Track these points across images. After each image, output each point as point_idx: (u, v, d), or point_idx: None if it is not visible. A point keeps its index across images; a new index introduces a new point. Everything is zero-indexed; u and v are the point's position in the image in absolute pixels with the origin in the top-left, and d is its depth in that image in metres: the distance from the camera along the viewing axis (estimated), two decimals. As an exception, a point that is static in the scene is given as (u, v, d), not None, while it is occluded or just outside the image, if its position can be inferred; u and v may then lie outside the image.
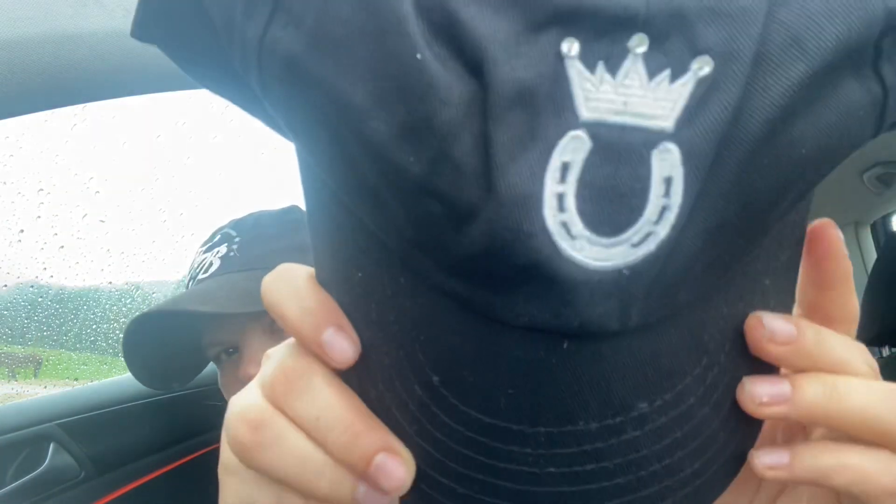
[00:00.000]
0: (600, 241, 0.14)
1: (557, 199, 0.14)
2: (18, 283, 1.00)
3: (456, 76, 0.14)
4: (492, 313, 0.16)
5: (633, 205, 0.14)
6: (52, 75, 0.52)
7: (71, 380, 1.14)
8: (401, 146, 0.14)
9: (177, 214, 1.21)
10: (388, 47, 0.14)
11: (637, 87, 0.14)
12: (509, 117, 0.14)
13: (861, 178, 1.78)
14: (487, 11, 0.14)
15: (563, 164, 0.14)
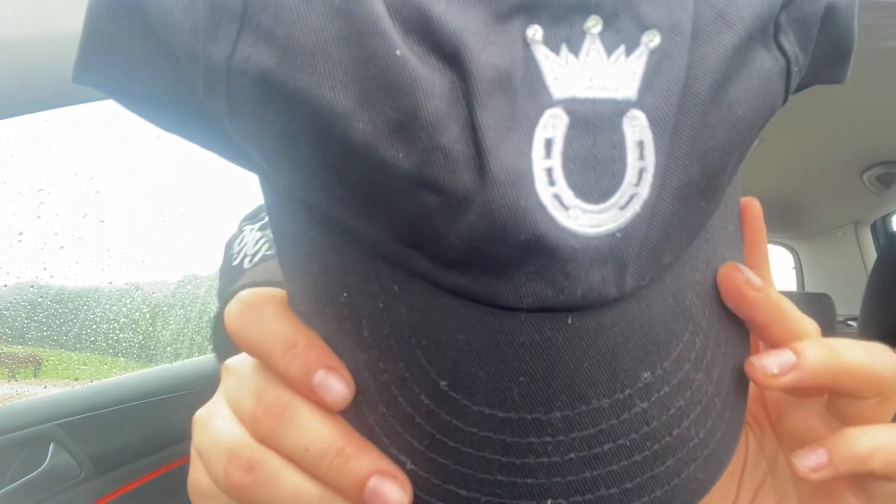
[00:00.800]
0: (591, 208, 0.15)
1: (547, 174, 0.15)
2: (18, 283, 1.00)
3: (435, 68, 0.14)
4: (496, 300, 0.16)
5: (615, 170, 0.15)
6: (52, 75, 0.52)
7: (71, 380, 1.14)
8: (389, 143, 0.15)
9: (177, 214, 1.21)
10: (366, 49, 0.14)
11: (599, 63, 0.15)
12: (491, 101, 0.14)
13: (861, 178, 1.78)
14: (456, 6, 0.14)
15: (546, 140, 0.15)
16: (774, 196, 2.09)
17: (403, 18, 0.14)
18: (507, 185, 0.14)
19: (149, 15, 0.16)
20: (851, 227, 2.26)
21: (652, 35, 0.15)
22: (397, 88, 0.14)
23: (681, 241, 0.17)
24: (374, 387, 0.18)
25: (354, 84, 0.14)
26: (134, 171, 1.12)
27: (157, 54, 0.17)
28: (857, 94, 1.21)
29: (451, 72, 0.14)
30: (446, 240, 0.15)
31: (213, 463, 0.19)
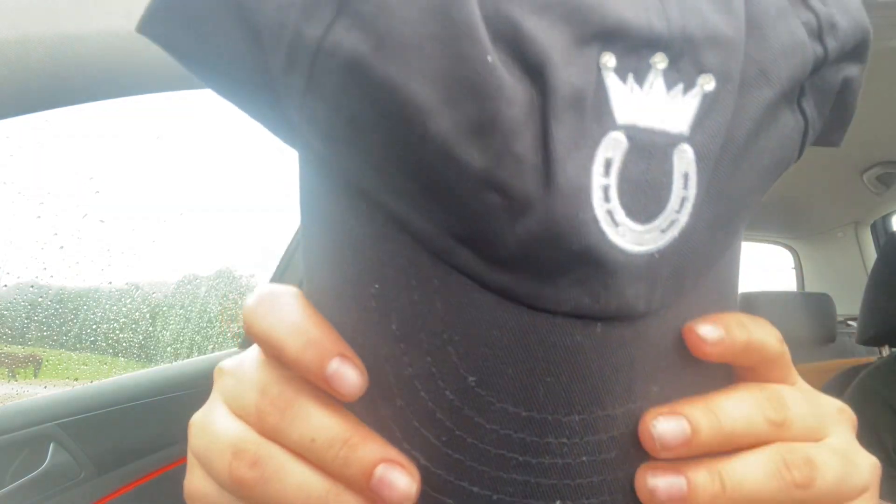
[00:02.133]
0: (637, 227, 0.17)
1: (603, 191, 0.16)
2: (18, 283, 1.00)
3: (518, 79, 0.16)
4: (536, 302, 0.17)
5: (662, 196, 0.17)
6: (52, 75, 0.52)
7: (71, 380, 1.14)
8: (466, 142, 0.15)
9: (177, 214, 1.21)
10: (459, 51, 0.15)
11: (659, 97, 0.17)
12: (565, 117, 0.16)
13: (861, 178, 1.78)
14: (544, 24, 0.16)
15: (606, 160, 0.16)
16: (774, 196, 2.09)
17: (495, 27, 0.15)
18: (569, 196, 0.16)
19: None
20: (851, 227, 2.26)
21: (708, 79, 0.17)
22: (482, 92, 0.15)
23: (700, 269, 0.19)
24: (395, 381, 0.18)
25: (442, 82, 0.15)
26: (134, 171, 1.12)
27: (231, 20, 0.17)
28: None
29: (532, 84, 0.16)
30: (502, 240, 0.16)
31: (216, 462, 0.19)
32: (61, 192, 0.97)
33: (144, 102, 0.69)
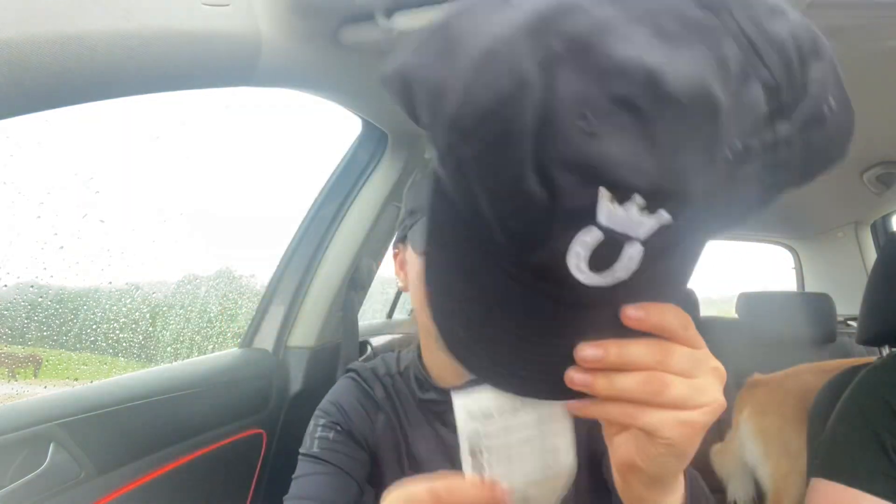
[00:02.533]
0: (592, 274, 0.30)
1: (576, 255, 0.29)
2: (18, 283, 1.00)
3: (546, 197, 0.27)
4: (559, 297, 0.32)
5: (610, 263, 0.29)
6: (52, 75, 0.52)
7: (71, 380, 1.14)
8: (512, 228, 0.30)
9: (177, 214, 1.21)
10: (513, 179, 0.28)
11: (630, 215, 0.27)
12: (568, 217, 0.28)
13: (861, 178, 1.78)
14: (571, 178, 0.27)
15: (584, 241, 0.28)
16: (774, 196, 2.09)
17: (540, 170, 0.27)
18: (558, 254, 0.29)
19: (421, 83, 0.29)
20: (851, 227, 2.26)
21: (666, 216, 0.27)
22: (525, 204, 0.28)
23: (642, 289, 0.32)
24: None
25: (500, 196, 0.29)
26: (134, 171, 1.12)
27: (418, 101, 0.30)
28: (857, 94, 1.20)
29: (552, 201, 0.27)
30: (527, 255, 0.31)
31: None
32: (61, 192, 0.97)
33: (144, 102, 0.69)
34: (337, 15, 0.85)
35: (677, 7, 0.26)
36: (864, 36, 0.90)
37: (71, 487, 0.76)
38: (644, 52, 0.25)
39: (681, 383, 0.34)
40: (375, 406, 0.84)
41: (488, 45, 0.26)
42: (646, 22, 0.25)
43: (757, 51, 0.26)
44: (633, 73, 0.24)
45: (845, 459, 0.90)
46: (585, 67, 0.25)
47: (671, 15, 0.25)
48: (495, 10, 0.27)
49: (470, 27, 0.27)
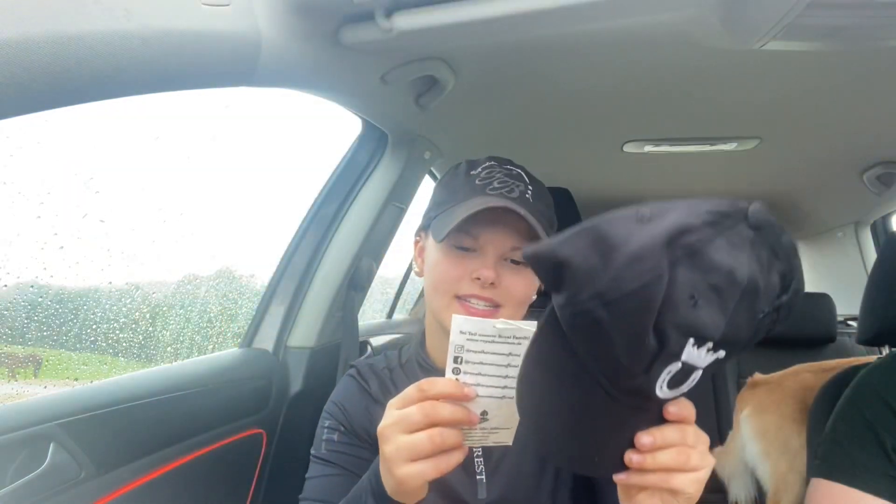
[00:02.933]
0: (669, 391, 0.47)
1: (661, 380, 0.45)
2: (18, 283, 1.00)
3: (676, 338, 0.42)
4: (620, 399, 0.48)
5: (683, 382, 0.47)
6: (52, 75, 0.52)
7: (71, 380, 1.14)
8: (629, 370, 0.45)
9: (177, 214, 1.21)
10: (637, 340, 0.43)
11: (701, 354, 0.43)
12: (666, 359, 0.44)
13: (861, 178, 1.78)
14: (675, 333, 0.43)
15: (669, 370, 0.44)
16: (774, 196, 2.09)
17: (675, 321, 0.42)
18: (652, 381, 0.45)
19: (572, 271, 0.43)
20: (851, 227, 2.26)
21: (722, 352, 0.44)
22: (641, 355, 0.43)
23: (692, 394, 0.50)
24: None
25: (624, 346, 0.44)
26: (134, 171, 1.12)
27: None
28: (857, 94, 1.21)
29: (658, 346, 0.43)
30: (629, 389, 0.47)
31: None
32: (61, 192, 0.97)
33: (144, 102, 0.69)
34: (337, 15, 0.85)
35: (740, 229, 0.42)
36: (864, 36, 0.90)
37: (71, 487, 0.76)
38: (725, 256, 0.41)
39: (695, 453, 0.51)
40: (372, 400, 0.87)
41: (637, 250, 0.41)
42: (725, 237, 0.41)
43: (777, 254, 0.43)
44: (721, 270, 0.41)
45: (845, 459, 0.90)
46: (695, 266, 0.41)
47: (736, 233, 0.42)
48: (639, 224, 0.42)
49: (621, 234, 0.42)
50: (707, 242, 0.41)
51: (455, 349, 0.54)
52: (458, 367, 0.55)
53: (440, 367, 0.87)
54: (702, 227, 0.41)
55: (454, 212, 0.80)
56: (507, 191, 0.82)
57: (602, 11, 0.82)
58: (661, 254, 0.40)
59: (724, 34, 0.93)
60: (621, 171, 1.88)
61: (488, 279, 0.79)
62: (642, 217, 0.42)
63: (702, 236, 0.41)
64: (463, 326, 0.53)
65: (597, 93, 1.26)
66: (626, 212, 0.43)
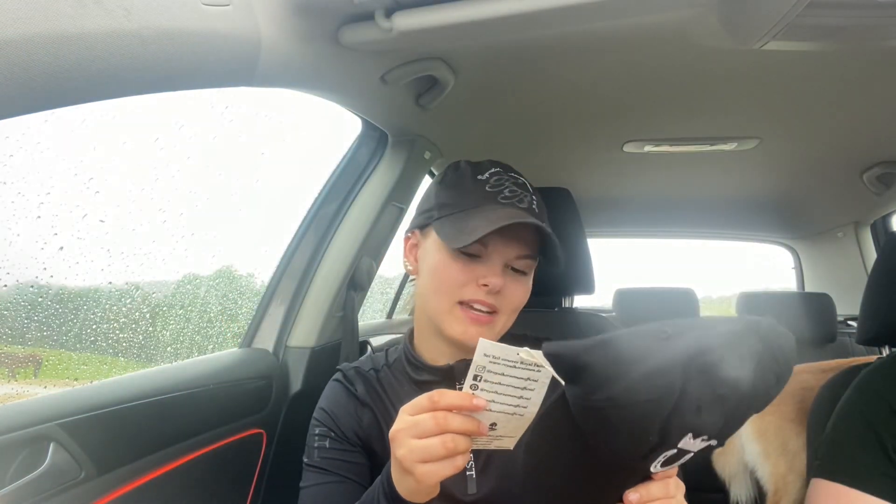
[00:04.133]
0: (662, 469, 0.52)
1: (657, 462, 0.50)
2: (18, 283, 0.99)
3: (678, 436, 0.47)
4: (619, 473, 0.55)
5: (674, 462, 0.52)
6: (52, 75, 0.52)
7: (71, 380, 1.14)
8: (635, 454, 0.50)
9: (177, 214, 1.21)
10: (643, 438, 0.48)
11: (696, 443, 0.47)
12: (661, 450, 0.49)
13: (861, 178, 1.78)
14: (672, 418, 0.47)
15: (665, 454, 0.49)
16: (774, 196, 2.09)
17: (680, 425, 0.46)
18: (649, 461, 0.51)
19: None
20: (851, 227, 2.26)
21: (715, 442, 0.48)
22: (643, 443, 0.48)
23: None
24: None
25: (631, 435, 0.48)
26: (134, 171, 1.12)
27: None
28: (857, 94, 1.20)
29: (659, 438, 0.48)
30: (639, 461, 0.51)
31: None
32: (61, 192, 0.97)
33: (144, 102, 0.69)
34: (337, 15, 0.85)
35: (751, 343, 0.45)
36: (864, 36, 0.90)
37: (71, 487, 0.76)
38: (734, 371, 0.44)
39: (676, 502, 0.57)
40: (359, 403, 0.87)
41: (654, 368, 0.44)
42: (737, 354, 0.44)
43: (778, 360, 0.47)
44: (728, 382, 0.44)
45: (845, 459, 0.90)
46: (705, 381, 0.44)
47: (747, 347, 0.45)
48: (658, 343, 0.46)
49: (641, 350, 0.45)
50: (720, 361, 0.44)
51: (476, 369, 0.56)
52: (476, 384, 0.57)
53: (430, 365, 0.87)
54: (718, 347, 0.44)
55: (468, 219, 0.80)
56: (518, 200, 0.82)
57: (602, 11, 0.82)
58: (677, 372, 0.44)
59: (723, 34, 0.93)
60: (621, 171, 1.87)
61: (496, 287, 0.79)
62: (663, 335, 0.46)
63: (716, 356, 0.44)
64: (488, 350, 0.55)
65: (597, 93, 1.26)
66: (651, 329, 0.47)
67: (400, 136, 1.37)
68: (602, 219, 2.44)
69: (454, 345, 0.84)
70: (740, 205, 2.17)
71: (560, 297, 1.88)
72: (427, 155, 1.46)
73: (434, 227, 0.84)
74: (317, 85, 0.99)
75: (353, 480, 0.83)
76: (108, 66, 0.56)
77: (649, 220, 2.44)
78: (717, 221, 2.43)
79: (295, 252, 1.35)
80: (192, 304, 1.46)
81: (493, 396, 0.57)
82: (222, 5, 0.67)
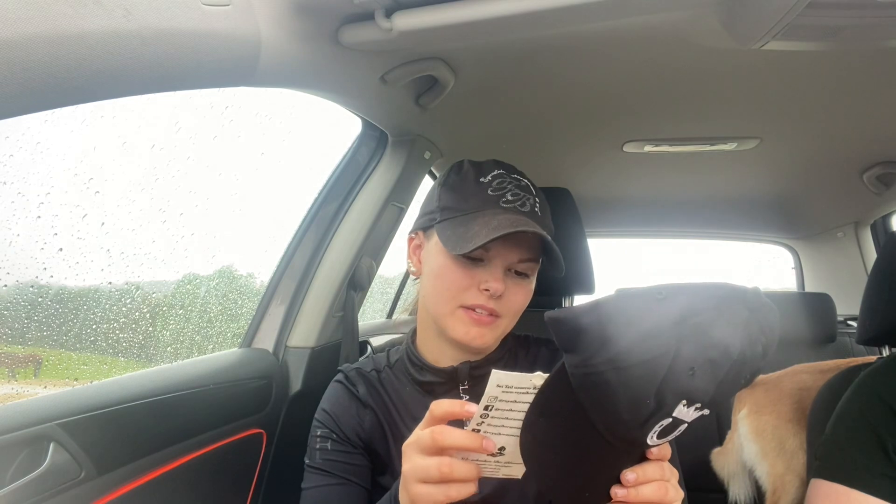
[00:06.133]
0: (658, 440, 0.53)
1: (654, 432, 0.51)
2: (18, 283, 0.99)
3: (673, 401, 0.49)
4: (617, 445, 0.54)
5: (669, 434, 0.53)
6: (52, 75, 0.52)
7: (71, 380, 1.14)
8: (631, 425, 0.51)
9: (177, 214, 1.21)
10: (641, 409, 0.49)
11: (690, 412, 0.50)
12: (658, 417, 0.50)
13: (861, 178, 1.78)
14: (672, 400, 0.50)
15: (662, 424, 0.50)
16: (774, 196, 2.09)
17: (674, 389, 0.48)
18: (644, 432, 0.51)
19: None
20: (851, 227, 2.26)
21: (707, 411, 0.50)
22: (643, 414, 0.49)
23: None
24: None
25: (630, 406, 0.49)
26: (134, 171, 1.12)
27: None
28: (857, 94, 1.20)
29: (678, 401, 0.49)
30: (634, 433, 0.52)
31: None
32: (61, 192, 0.97)
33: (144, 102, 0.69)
34: (337, 15, 0.85)
35: (738, 310, 0.47)
36: (864, 36, 0.90)
37: (71, 487, 0.76)
38: (723, 334, 0.46)
39: (671, 486, 0.57)
40: (361, 404, 0.87)
41: (650, 327, 0.45)
42: (725, 318, 0.46)
43: (763, 331, 0.48)
44: (719, 346, 0.46)
45: (845, 460, 0.90)
46: (697, 343, 0.46)
47: (735, 313, 0.47)
48: (654, 304, 0.46)
49: (637, 311, 0.46)
50: (710, 323, 0.46)
51: (488, 399, 0.56)
52: (486, 413, 0.57)
53: (433, 366, 0.87)
54: (708, 309, 0.47)
55: (470, 224, 0.80)
56: (520, 204, 0.82)
57: (602, 11, 0.82)
58: (671, 332, 0.46)
59: (724, 34, 0.93)
60: (621, 171, 1.87)
61: (497, 292, 0.79)
62: (658, 296, 0.47)
63: (707, 318, 0.46)
64: (501, 381, 0.54)
65: (597, 93, 1.26)
66: (646, 290, 0.48)
67: (400, 136, 1.37)
68: (602, 219, 2.43)
69: (457, 346, 0.84)
70: (740, 205, 2.17)
71: (560, 298, 1.88)
72: (427, 155, 1.46)
73: (436, 230, 0.84)
74: (317, 85, 0.99)
75: (354, 483, 0.83)
76: (108, 66, 0.56)
77: (649, 220, 2.43)
78: (717, 221, 2.43)
79: (295, 252, 1.35)
80: (192, 304, 1.46)
81: (502, 422, 0.57)
82: (222, 5, 0.67)
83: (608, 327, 0.46)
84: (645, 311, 0.47)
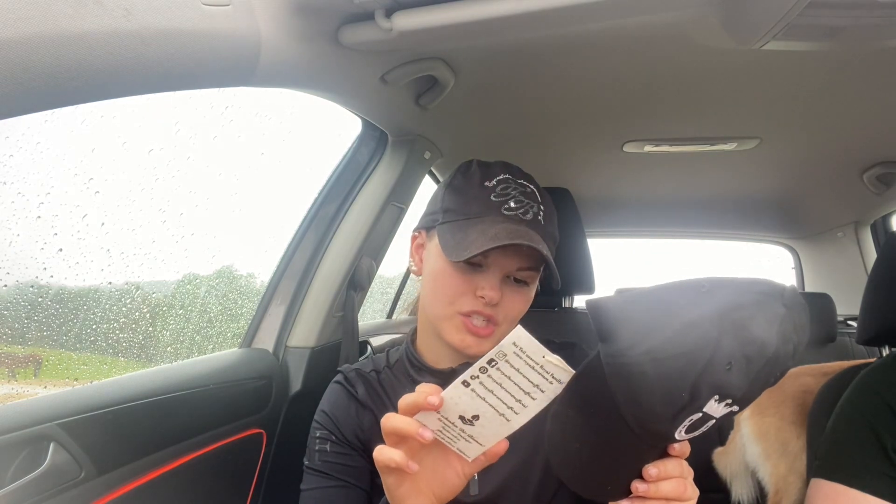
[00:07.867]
0: (686, 434, 0.53)
1: (683, 426, 0.51)
2: (18, 283, 0.99)
3: (706, 395, 0.49)
4: (644, 437, 0.54)
5: (698, 429, 0.53)
6: (52, 75, 0.52)
7: (71, 380, 1.14)
8: (660, 417, 0.51)
9: (177, 214, 1.21)
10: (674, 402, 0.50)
11: (720, 408, 0.49)
12: (687, 413, 0.50)
13: (861, 178, 1.78)
14: (701, 395, 0.50)
15: (691, 418, 0.50)
16: (774, 196, 2.09)
17: (709, 383, 0.48)
18: (672, 429, 0.51)
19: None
20: (851, 227, 2.26)
21: (736, 407, 0.50)
22: (671, 412, 0.50)
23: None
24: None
25: (662, 401, 0.49)
26: (134, 171, 1.12)
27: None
28: (857, 94, 1.20)
29: (710, 396, 0.49)
30: (661, 426, 0.52)
31: None
32: (61, 192, 0.97)
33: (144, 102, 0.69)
34: (337, 15, 0.85)
35: (775, 307, 0.48)
36: (864, 36, 0.90)
37: (71, 487, 0.76)
38: (761, 331, 0.46)
39: (689, 484, 0.57)
40: (360, 405, 0.87)
41: (693, 318, 0.46)
42: (764, 314, 0.47)
43: (796, 330, 0.48)
44: (756, 343, 0.46)
45: (845, 459, 0.90)
46: (737, 337, 0.46)
47: (772, 310, 0.48)
48: (697, 296, 0.48)
49: (682, 302, 0.47)
50: (751, 318, 0.47)
51: (497, 353, 0.53)
52: (487, 368, 0.54)
53: (431, 366, 0.87)
54: (749, 305, 0.47)
55: (469, 230, 0.79)
56: (523, 212, 0.81)
57: (602, 11, 0.82)
58: (713, 324, 0.46)
59: (724, 34, 0.93)
60: (621, 171, 1.87)
61: (493, 300, 0.79)
62: (703, 288, 0.48)
63: (748, 313, 0.47)
64: (520, 340, 0.53)
65: (597, 93, 1.26)
66: (691, 282, 0.49)
67: (400, 136, 1.37)
68: (602, 219, 2.43)
69: (455, 349, 0.84)
70: (740, 205, 2.17)
71: (560, 298, 1.88)
72: (427, 155, 1.46)
73: (437, 231, 0.83)
74: (317, 85, 0.99)
75: (353, 485, 0.83)
76: (108, 66, 0.56)
77: (649, 220, 2.43)
78: (717, 221, 2.43)
79: (295, 252, 1.35)
80: (191, 305, 1.46)
81: (495, 388, 0.55)
82: (222, 5, 0.67)
83: (651, 317, 0.47)
84: (688, 303, 0.47)
